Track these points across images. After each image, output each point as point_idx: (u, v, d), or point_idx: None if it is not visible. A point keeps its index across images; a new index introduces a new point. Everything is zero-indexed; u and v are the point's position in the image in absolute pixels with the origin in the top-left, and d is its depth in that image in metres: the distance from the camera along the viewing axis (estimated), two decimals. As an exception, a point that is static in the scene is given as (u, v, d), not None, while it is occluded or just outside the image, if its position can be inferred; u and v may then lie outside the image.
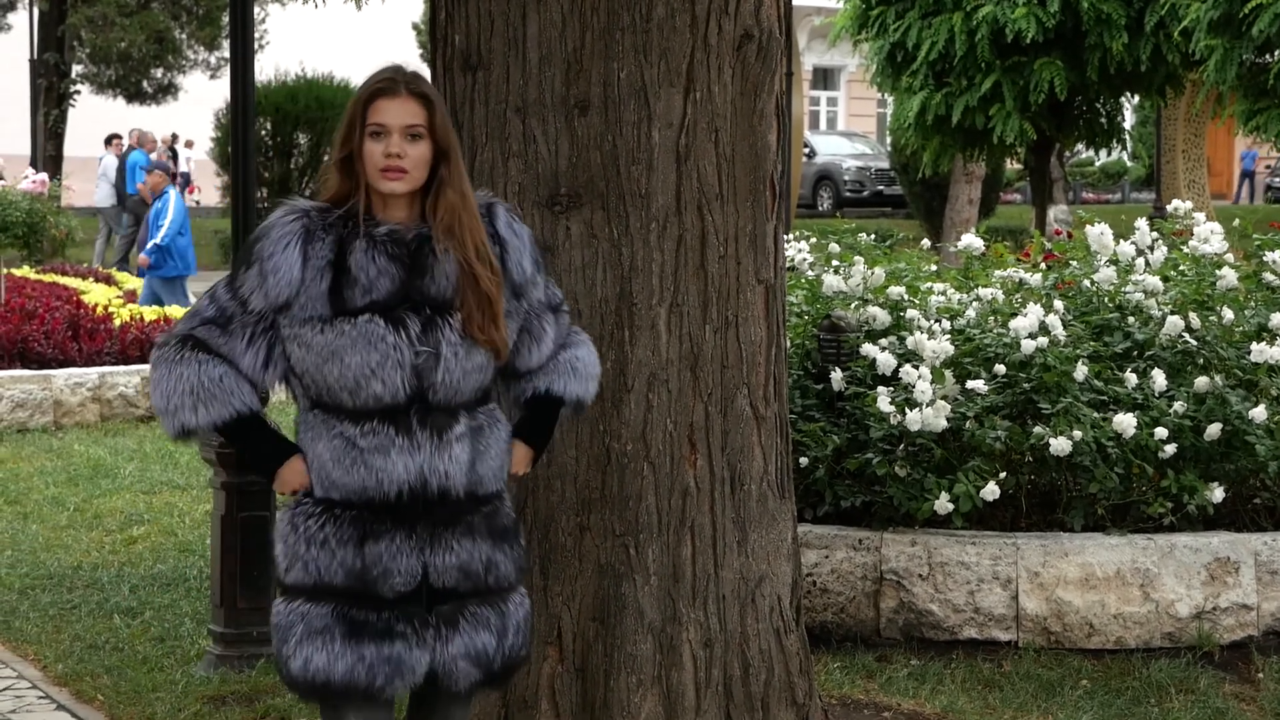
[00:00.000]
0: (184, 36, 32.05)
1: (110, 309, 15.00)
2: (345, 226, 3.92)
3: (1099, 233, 7.73)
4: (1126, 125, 24.62)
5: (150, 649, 6.95)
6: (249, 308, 3.92)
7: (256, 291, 3.90)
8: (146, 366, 13.29)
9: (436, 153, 3.93)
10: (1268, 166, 46.79)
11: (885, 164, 37.38)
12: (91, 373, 13.09)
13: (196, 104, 32.64)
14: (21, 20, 31.50)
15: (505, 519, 4.08)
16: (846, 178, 38.89)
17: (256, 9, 31.86)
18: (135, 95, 32.78)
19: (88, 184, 34.08)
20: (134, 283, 18.76)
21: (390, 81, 3.94)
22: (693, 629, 5.02)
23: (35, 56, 29.68)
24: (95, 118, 34.41)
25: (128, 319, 14.46)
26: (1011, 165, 31.27)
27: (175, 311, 15.72)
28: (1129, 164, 49.14)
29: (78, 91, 30.57)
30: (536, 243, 4.14)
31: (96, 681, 6.53)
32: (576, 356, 4.21)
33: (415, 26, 37.01)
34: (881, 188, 38.40)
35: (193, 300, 4.09)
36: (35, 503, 9.97)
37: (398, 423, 3.89)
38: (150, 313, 15.08)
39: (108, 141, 26.50)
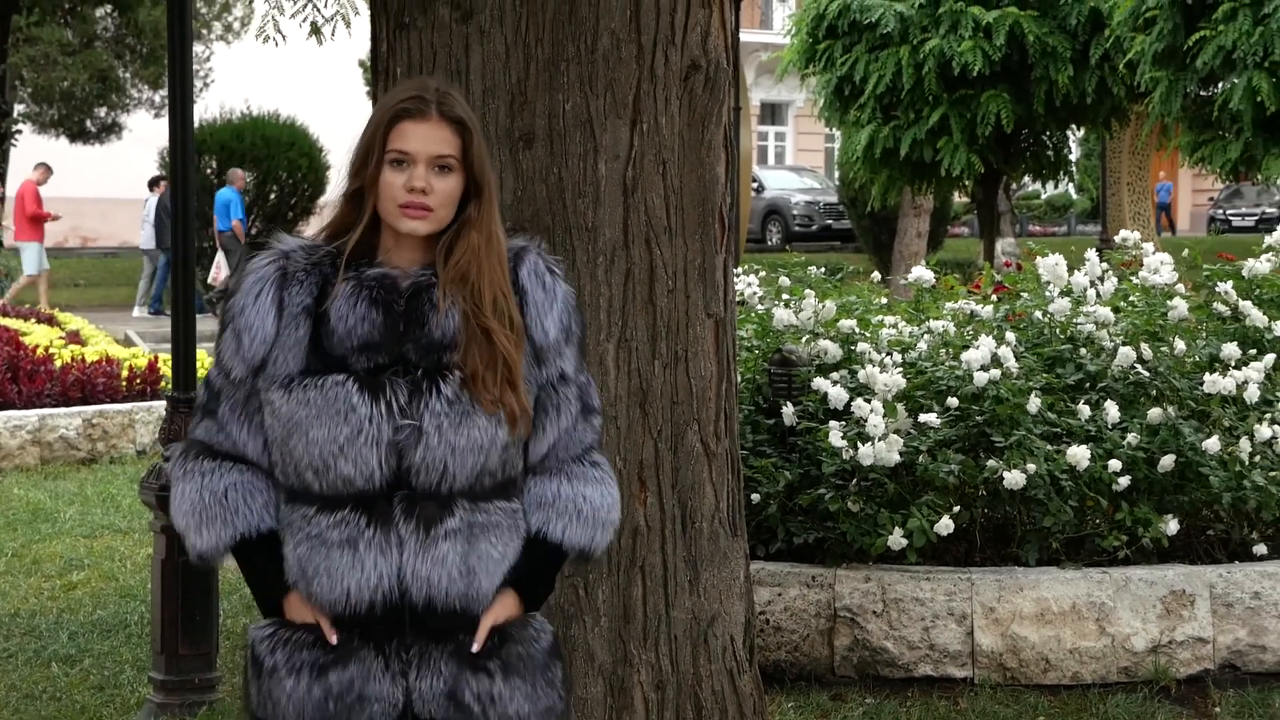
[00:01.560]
0: (127, 75, 31.87)
1: (51, 350, 14.82)
2: (333, 266, 3.24)
3: (1053, 264, 7.69)
4: (1072, 158, 24.72)
5: (89, 698, 6.81)
6: (232, 377, 3.27)
7: (234, 356, 3.25)
8: (88, 408, 13.19)
9: (468, 188, 3.25)
10: (1210, 199, 47.11)
11: (834, 198, 37.47)
12: (31, 415, 12.91)
13: (140, 143, 32.46)
14: (-37, 60, 31.34)
15: (528, 647, 3.31)
16: (795, 212, 38.95)
17: (202, 47, 31.82)
18: (78, 135, 32.57)
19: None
20: (77, 323, 18.57)
21: (418, 101, 3.24)
22: (644, 670, 4.92)
23: (-24, 97, 29.52)
24: (37, 158, 34.19)
25: (69, 360, 14.28)
26: (959, 198, 31.36)
27: (118, 352, 15.55)
28: (1075, 196, 49.41)
29: (19, 131, 30.32)
30: (578, 313, 3.39)
31: (34, 732, 6.40)
32: (583, 496, 3.36)
33: (361, 64, 36.89)
34: (830, 222, 38.47)
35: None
36: (-27, 548, 9.80)
37: (373, 512, 3.17)
38: (92, 354, 14.90)
39: (153, 184, 26.40)
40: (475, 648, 3.22)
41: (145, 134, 31.37)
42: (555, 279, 3.35)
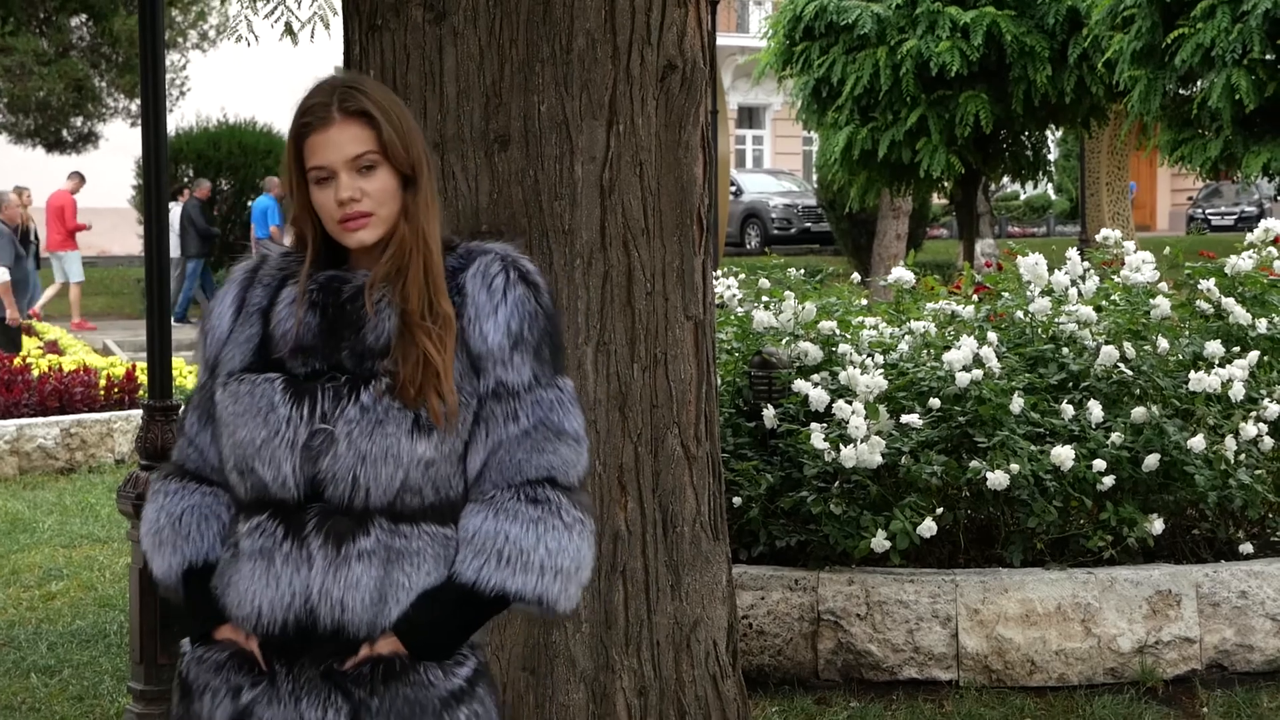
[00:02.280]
0: (103, 85, 31.75)
1: (29, 360, 14.74)
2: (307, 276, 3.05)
3: (1033, 263, 7.66)
4: (1051, 158, 24.72)
5: (69, 709, 6.76)
6: (200, 383, 3.15)
7: (201, 360, 3.14)
8: (66, 418, 13.12)
9: (400, 178, 3.02)
10: (1189, 198, 47.20)
11: (812, 201, 37.46)
12: (9, 425, 12.83)
13: (117, 152, 32.37)
14: (-62, 70, 31.21)
15: (418, 691, 2.97)
16: (774, 215, 38.93)
17: (177, 56, 31.70)
18: (55, 144, 32.43)
19: None
20: (56, 332, 18.48)
21: (317, 109, 3.00)
22: (626, 677, 4.87)
23: (-48, 107, 29.42)
24: (14, 167, 34.04)
25: (46, 370, 14.21)
26: (937, 200, 31.37)
27: (95, 361, 15.47)
28: (1053, 197, 49.48)
29: (-4, 141, 30.29)
30: (540, 320, 3.05)
31: (12, 745, 6.35)
32: (505, 534, 2.97)
33: (338, 70, 36.82)
34: (809, 225, 38.44)
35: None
36: (-49, 560, 9.72)
37: (289, 522, 2.93)
38: (69, 363, 14.82)
39: (176, 194, 26.32)
40: (342, 667, 2.93)
41: (122, 143, 31.26)
42: (510, 282, 3.04)
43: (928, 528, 6.61)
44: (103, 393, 13.89)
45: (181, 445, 3.16)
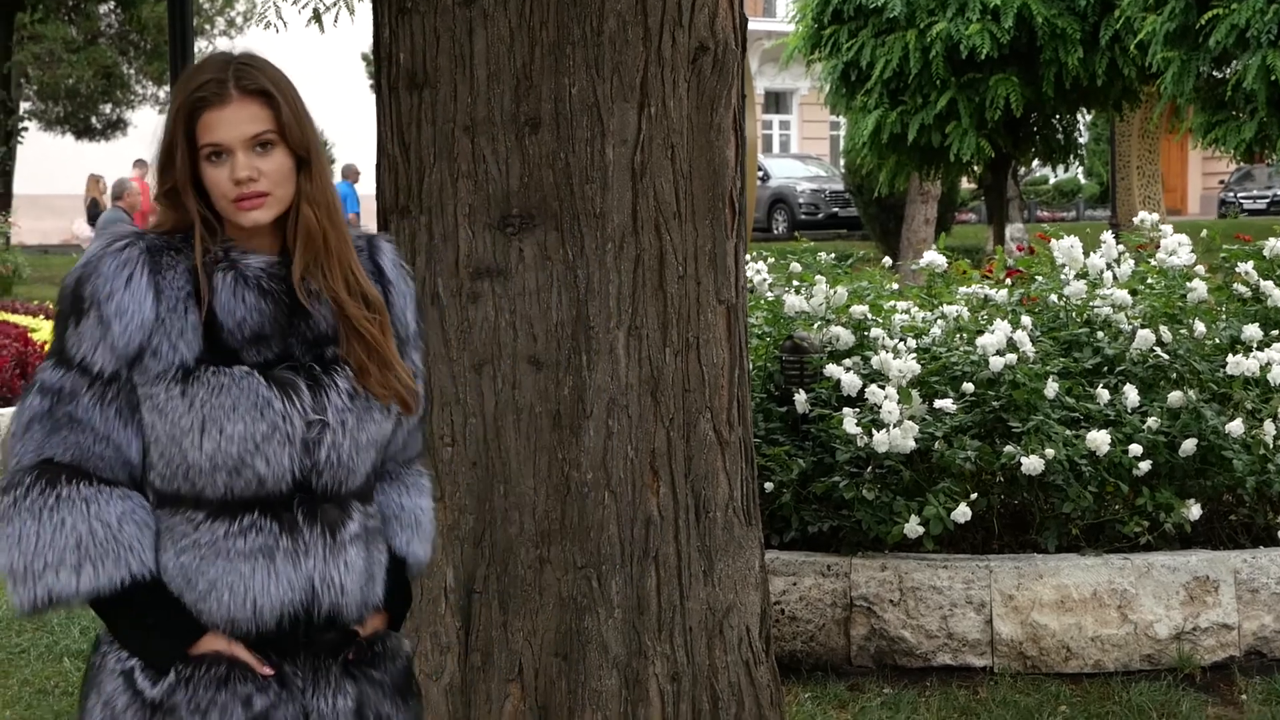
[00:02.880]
0: (132, 71, 31.88)
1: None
2: (204, 254, 2.92)
3: (1069, 246, 7.60)
4: (1082, 141, 24.61)
5: (99, 695, 6.75)
6: (95, 372, 2.88)
7: (100, 346, 2.86)
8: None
9: (295, 160, 2.94)
10: (1220, 181, 47.00)
11: (840, 186, 37.40)
12: (40, 411, 12.84)
13: (145, 139, 32.43)
14: (-33, 58, 31.36)
15: (403, 664, 3.12)
16: (801, 200, 38.89)
17: (205, 42, 31.76)
18: (84, 131, 32.60)
19: (38, 221, 33.82)
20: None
21: (214, 85, 2.90)
22: (659, 663, 4.84)
23: (-19, 94, 29.53)
24: (44, 155, 34.17)
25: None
26: (966, 185, 31.27)
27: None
28: (1083, 181, 49.32)
29: (25, 129, 30.30)
30: (423, 312, 3.24)
31: (44, 729, 6.36)
32: (421, 508, 3.19)
33: (364, 57, 36.84)
34: (836, 210, 38.41)
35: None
36: (-19, 546, 9.74)
37: (280, 518, 2.90)
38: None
39: None
40: (351, 656, 2.99)
41: (150, 130, 31.35)
42: (409, 271, 3.15)
43: (961, 513, 6.56)
44: (132, 379, 13.91)
45: (82, 443, 2.90)
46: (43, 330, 16.34)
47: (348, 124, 30.69)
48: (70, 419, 2.89)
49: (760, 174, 36.97)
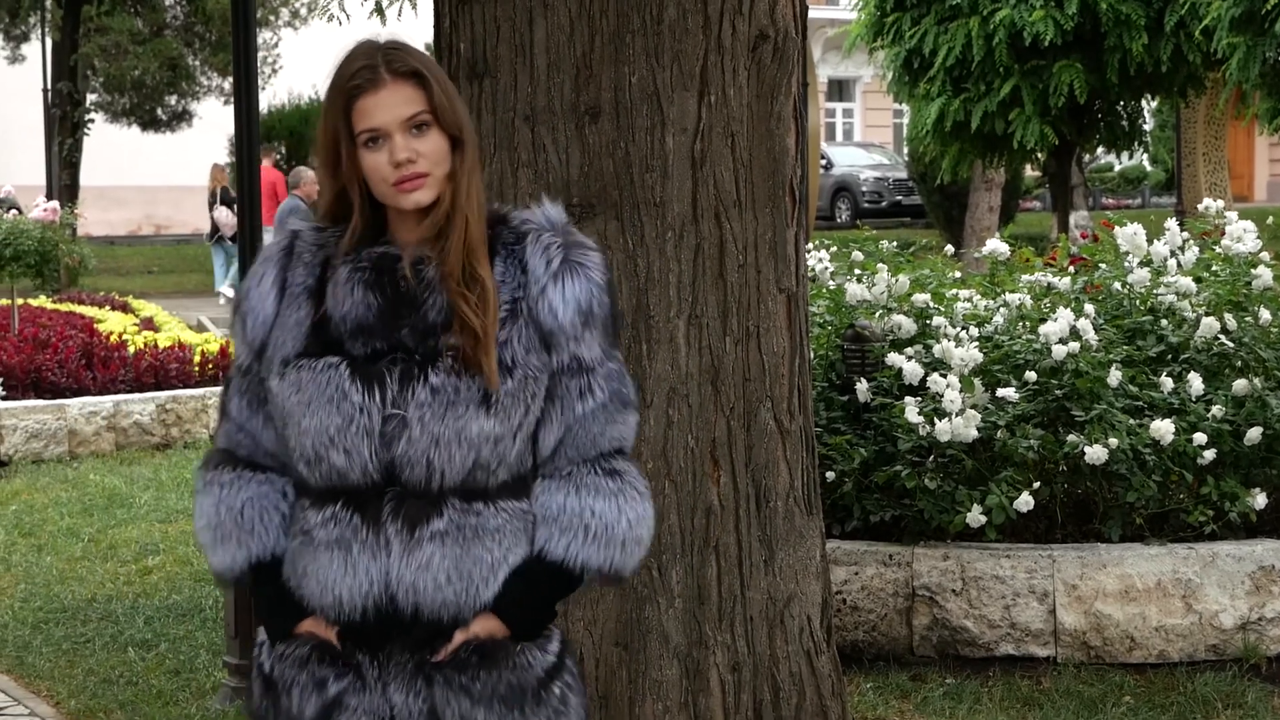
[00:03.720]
0: (197, 63, 32.02)
1: (125, 337, 14.89)
2: (337, 245, 3.00)
3: (1132, 233, 7.55)
4: (1147, 128, 24.42)
5: (165, 682, 6.82)
6: (241, 366, 3.06)
7: (241, 343, 3.05)
8: (162, 394, 13.24)
9: (450, 140, 2.96)
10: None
11: (903, 174, 37.27)
12: (106, 401, 12.96)
13: (211, 130, 32.63)
14: (35, 51, 31.46)
15: (518, 675, 2.99)
16: (864, 188, 38.78)
17: (269, 34, 31.90)
18: (150, 123, 32.74)
19: (104, 213, 34.07)
20: (151, 309, 18.67)
21: (366, 71, 2.94)
22: (720, 652, 4.84)
23: (49, 86, 29.67)
24: (110, 147, 34.39)
25: (142, 346, 14.34)
26: (1030, 172, 31.08)
27: (190, 337, 15.60)
28: (1148, 168, 48.95)
29: (92, 120, 30.50)
30: (604, 295, 3.01)
31: (110, 717, 6.42)
32: (591, 510, 2.98)
33: (427, 46, 36.96)
34: (900, 198, 38.29)
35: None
36: (50, 534, 9.83)
37: (365, 510, 2.91)
38: (165, 340, 14.95)
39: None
40: (437, 658, 2.93)
41: (215, 121, 31.54)
42: (570, 257, 2.99)
43: (1024, 502, 6.53)
44: (197, 369, 14.01)
45: (229, 431, 3.09)
46: (108, 321, 16.49)
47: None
48: (225, 410, 3.10)
49: (823, 162, 36.87)
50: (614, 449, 3.05)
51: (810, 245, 9.51)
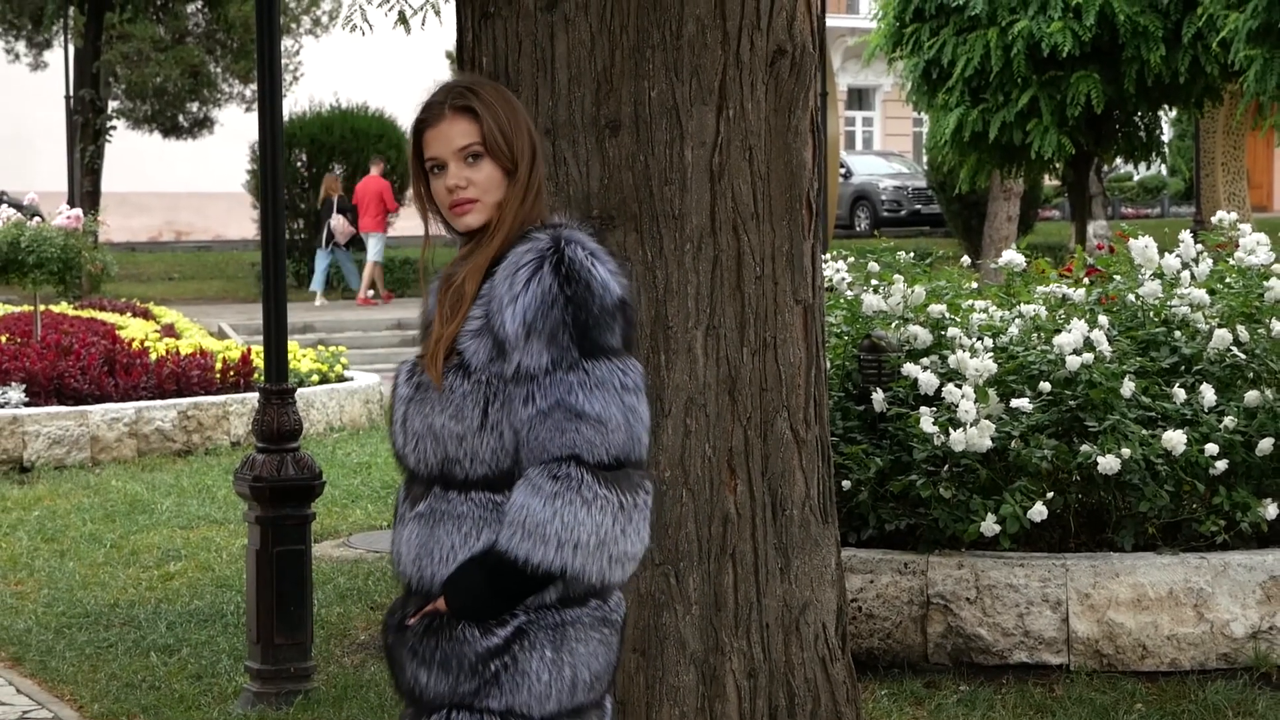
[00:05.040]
0: (218, 70, 32.14)
1: (147, 343, 14.98)
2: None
3: (1143, 246, 7.60)
4: (1165, 138, 24.40)
5: (187, 687, 6.88)
6: None
7: None
8: (183, 401, 13.31)
9: (504, 171, 3.30)
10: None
11: (922, 183, 37.26)
12: (128, 408, 13.04)
13: (232, 137, 32.74)
14: (57, 58, 31.59)
15: (455, 644, 3.28)
16: (883, 197, 38.78)
17: (291, 41, 32.01)
18: (171, 130, 32.87)
19: (126, 219, 34.19)
20: (172, 316, 18.76)
21: (431, 107, 3.34)
22: (736, 659, 4.91)
23: (71, 93, 29.80)
24: (131, 153, 34.52)
25: (164, 353, 14.43)
26: (1049, 182, 31.08)
27: (211, 344, 15.67)
28: (1167, 178, 48.88)
29: (114, 127, 30.62)
30: (566, 314, 3.17)
31: (133, 721, 6.46)
32: (525, 506, 3.16)
33: (449, 55, 37.04)
34: (919, 207, 38.27)
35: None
36: (72, 540, 9.91)
37: (409, 491, 3.39)
38: (186, 346, 15.04)
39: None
40: (408, 621, 3.33)
41: (237, 128, 31.62)
42: (538, 271, 3.17)
43: (1038, 512, 6.59)
44: (219, 376, 14.09)
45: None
46: (130, 327, 16.58)
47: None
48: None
49: (842, 171, 36.88)
50: (566, 455, 3.18)
51: (828, 255, 9.58)
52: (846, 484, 6.85)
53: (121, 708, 6.62)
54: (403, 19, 8.88)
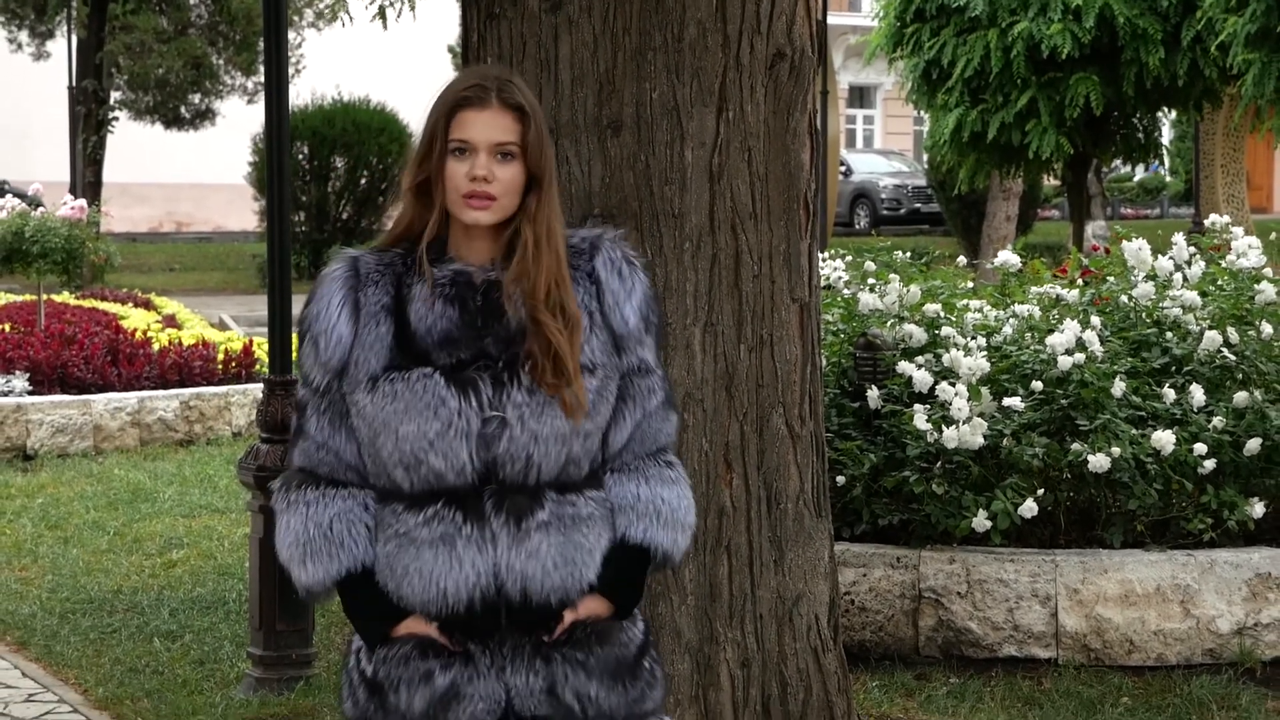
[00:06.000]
0: (221, 62, 32.17)
1: (149, 334, 15.07)
2: (405, 265, 3.23)
3: (1136, 248, 7.70)
4: (1165, 140, 24.47)
5: (190, 672, 6.97)
6: (315, 386, 3.25)
7: (315, 364, 3.24)
8: (185, 391, 13.41)
9: (528, 178, 3.21)
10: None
11: (922, 182, 37.34)
12: (131, 397, 13.14)
13: (233, 129, 32.80)
14: (60, 48, 31.63)
15: (622, 650, 3.27)
16: (883, 196, 38.88)
17: (293, 34, 32.04)
18: (173, 121, 32.91)
19: (126, 210, 34.25)
20: (173, 307, 18.85)
21: (478, 89, 3.20)
22: (730, 649, 5.00)
23: (74, 84, 29.84)
24: (133, 144, 34.58)
25: (166, 344, 14.52)
26: (1049, 182, 31.17)
27: (213, 335, 15.76)
28: (1168, 179, 48.94)
29: (116, 118, 30.68)
30: (656, 304, 3.33)
31: (137, 705, 6.56)
32: (661, 498, 3.29)
33: (451, 49, 37.08)
34: (919, 205, 38.37)
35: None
36: (75, 527, 10.00)
37: (466, 507, 3.14)
38: (188, 337, 15.13)
39: None
40: (548, 638, 3.18)
41: (238, 120, 31.71)
42: (633, 269, 3.29)
43: (1028, 508, 6.69)
44: (221, 367, 14.18)
45: (307, 450, 3.26)
46: (132, 317, 16.67)
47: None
48: (303, 430, 3.27)
49: (843, 169, 36.94)
50: (666, 444, 3.36)
51: (827, 253, 9.68)
52: (841, 479, 6.94)
53: (125, 691, 6.71)
54: (381, 14, 8.92)
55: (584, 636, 3.21)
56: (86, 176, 29.09)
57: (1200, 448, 6.85)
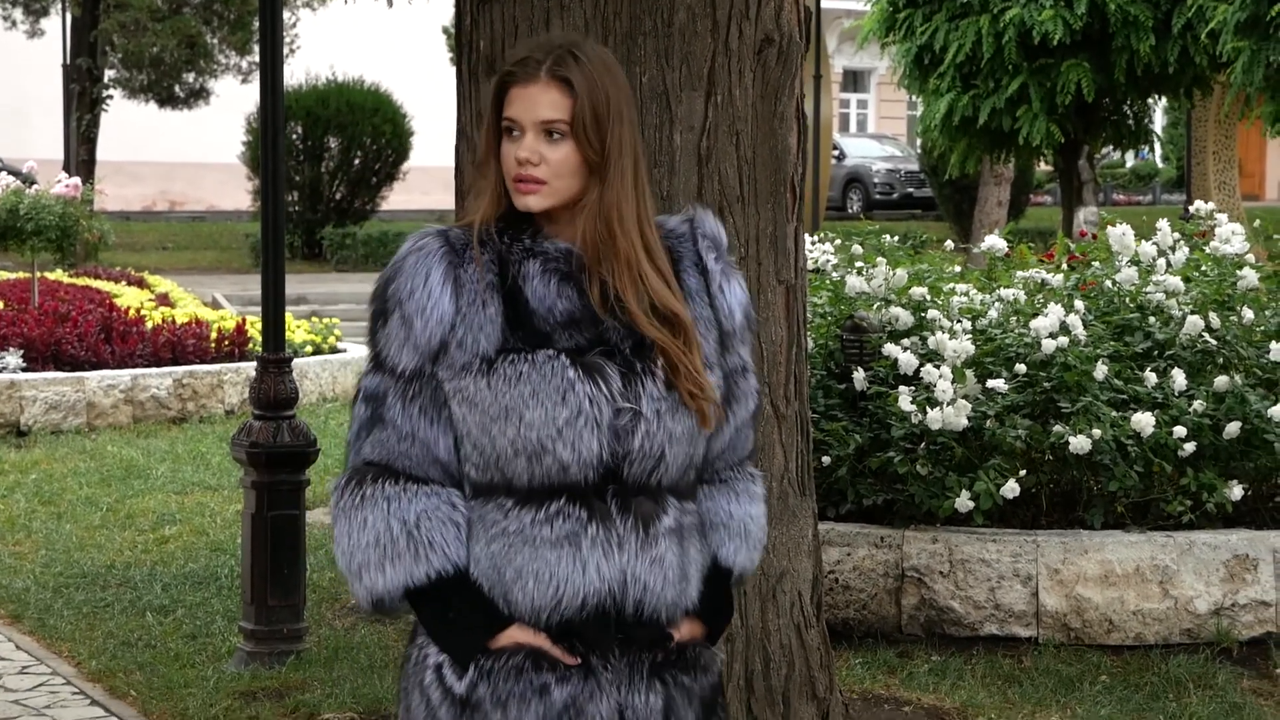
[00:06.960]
0: (215, 41, 32.15)
1: (142, 311, 15.14)
2: (504, 242, 2.89)
3: (1120, 233, 7.79)
4: (1157, 127, 24.53)
5: (182, 646, 7.05)
6: (401, 371, 2.88)
7: (404, 347, 2.88)
8: (178, 369, 13.49)
9: (587, 159, 2.86)
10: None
11: (915, 166, 37.42)
12: (124, 375, 13.21)
13: (227, 108, 32.81)
14: (54, 26, 31.63)
15: (713, 679, 3.00)
16: (876, 180, 38.94)
17: (288, 13, 32.04)
18: (167, 100, 32.90)
19: (120, 188, 34.25)
20: (166, 285, 18.91)
21: (524, 63, 2.88)
22: (714, 623, 5.08)
23: (68, 62, 29.84)
24: (127, 122, 34.59)
25: (160, 322, 14.59)
26: (1042, 167, 31.24)
27: (206, 314, 15.82)
28: (1160, 165, 49.01)
29: (110, 96, 30.68)
30: (752, 302, 3.09)
31: (129, 678, 6.64)
32: (751, 516, 3.04)
33: (445, 30, 37.08)
34: (911, 190, 38.44)
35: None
36: (69, 503, 10.08)
37: (591, 506, 2.83)
38: (181, 316, 15.20)
39: None
40: (661, 655, 2.90)
41: (232, 99, 31.70)
42: (729, 260, 3.03)
43: (1011, 489, 6.78)
44: (214, 345, 14.26)
45: (385, 441, 2.90)
46: (125, 295, 16.73)
47: (426, 96, 30.97)
48: (380, 420, 2.90)
49: (835, 153, 36.99)
50: (752, 452, 3.13)
51: (817, 236, 9.76)
52: (827, 460, 7.03)
53: (118, 664, 6.78)
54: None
55: (692, 659, 2.94)
56: (80, 154, 29.12)
57: (1180, 431, 6.94)
